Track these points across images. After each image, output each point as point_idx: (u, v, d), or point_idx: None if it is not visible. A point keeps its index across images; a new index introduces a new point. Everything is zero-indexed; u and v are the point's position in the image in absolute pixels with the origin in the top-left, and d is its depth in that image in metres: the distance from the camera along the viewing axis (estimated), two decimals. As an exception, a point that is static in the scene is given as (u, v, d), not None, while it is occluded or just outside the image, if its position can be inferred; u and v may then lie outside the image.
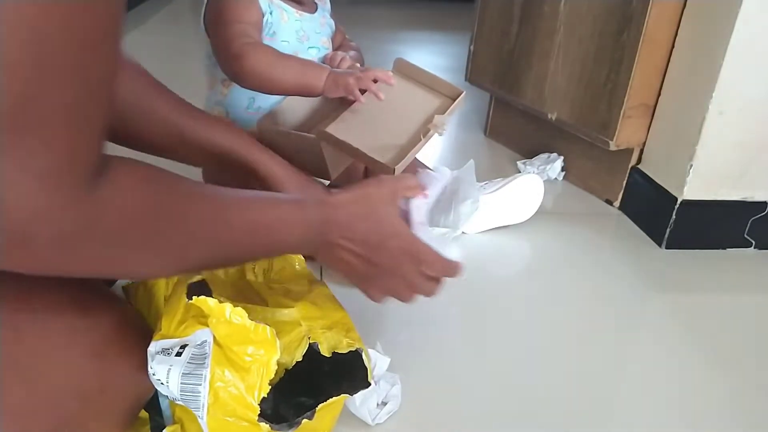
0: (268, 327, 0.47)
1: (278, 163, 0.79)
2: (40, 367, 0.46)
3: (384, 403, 0.62)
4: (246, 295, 0.62)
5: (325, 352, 0.54)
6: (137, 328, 0.53)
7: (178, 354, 0.47)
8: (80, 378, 0.47)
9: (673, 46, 1.03)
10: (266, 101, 0.95)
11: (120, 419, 0.51)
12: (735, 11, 0.89)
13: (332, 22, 1.04)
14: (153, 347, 0.48)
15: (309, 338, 0.54)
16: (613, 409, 0.69)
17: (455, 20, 2.92)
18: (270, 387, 0.47)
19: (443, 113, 0.91)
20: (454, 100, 0.95)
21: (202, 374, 0.46)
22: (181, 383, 0.46)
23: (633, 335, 0.84)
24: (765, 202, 1.03)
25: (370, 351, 0.65)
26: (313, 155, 0.84)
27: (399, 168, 0.81)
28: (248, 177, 0.78)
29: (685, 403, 0.70)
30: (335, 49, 1.05)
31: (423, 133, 0.87)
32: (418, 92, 0.96)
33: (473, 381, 0.70)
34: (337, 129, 0.82)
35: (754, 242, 1.05)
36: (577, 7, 1.13)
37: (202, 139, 0.74)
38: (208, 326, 0.48)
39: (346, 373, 0.56)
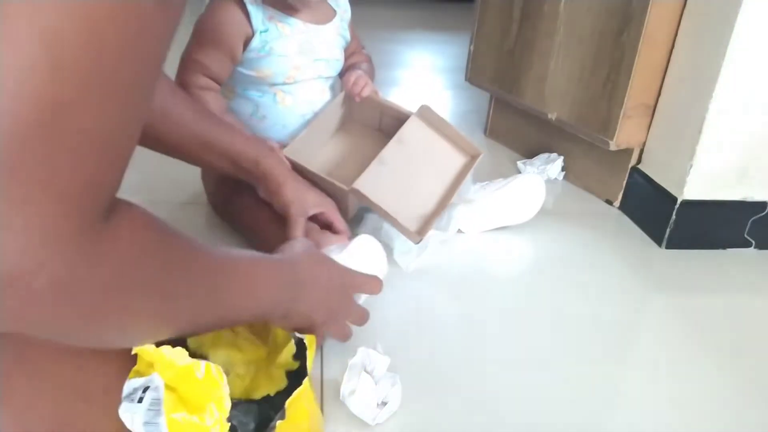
0: (211, 364, 0.47)
1: (290, 175, 0.83)
2: (47, 364, 0.45)
3: (384, 403, 0.62)
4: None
5: (272, 392, 0.55)
6: None
7: (140, 400, 0.46)
8: (85, 378, 0.47)
9: (673, 46, 1.03)
10: (269, 109, 0.95)
11: (121, 421, 0.51)
12: (735, 11, 0.89)
13: (347, 33, 1.03)
14: (125, 388, 0.47)
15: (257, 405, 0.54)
16: (613, 408, 0.69)
17: (455, 20, 2.92)
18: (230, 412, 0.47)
19: (466, 174, 0.97)
20: (473, 157, 1.00)
21: (159, 422, 0.46)
22: (145, 431, 0.46)
23: (633, 335, 0.84)
24: (765, 202, 1.03)
25: (370, 351, 0.65)
26: (337, 197, 0.89)
27: (423, 236, 0.89)
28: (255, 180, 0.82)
29: (686, 402, 0.70)
30: (347, 57, 1.05)
31: (447, 203, 0.93)
32: (441, 145, 1.01)
33: (473, 381, 0.70)
34: (367, 185, 0.87)
35: (754, 242, 1.05)
36: (577, 7, 1.13)
37: (224, 145, 0.79)
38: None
39: (301, 367, 0.56)
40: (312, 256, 0.61)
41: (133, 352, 0.45)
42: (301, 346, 0.56)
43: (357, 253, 0.77)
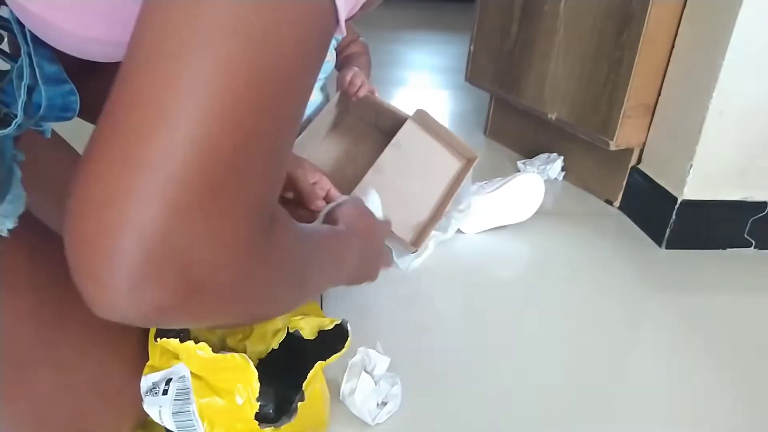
0: (236, 354, 0.47)
1: None
2: (74, 359, 0.47)
3: (384, 403, 0.62)
4: None
5: (309, 335, 0.55)
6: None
7: (165, 392, 0.47)
8: (104, 377, 0.48)
9: (673, 46, 1.03)
10: None
11: (131, 421, 0.52)
12: (735, 11, 0.89)
13: None
14: (143, 384, 0.48)
15: (288, 328, 0.54)
16: (613, 408, 0.69)
17: (455, 20, 2.92)
18: (258, 394, 0.47)
19: (462, 178, 0.97)
20: (469, 161, 1.00)
21: (189, 410, 0.47)
22: (175, 422, 0.47)
23: (633, 335, 0.84)
24: (765, 202, 1.03)
25: (370, 351, 0.65)
26: None
27: (419, 247, 0.91)
28: None
29: (685, 402, 0.70)
30: (343, 48, 1.05)
31: (443, 212, 0.94)
32: (437, 150, 1.01)
33: (473, 381, 0.70)
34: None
35: (754, 242, 1.05)
36: (577, 7, 1.13)
37: None
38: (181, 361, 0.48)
39: (327, 349, 0.56)
40: (361, 221, 0.65)
41: (155, 344, 0.47)
42: (341, 332, 0.56)
43: (370, 203, 0.79)
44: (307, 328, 0.56)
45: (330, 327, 0.56)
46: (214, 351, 0.47)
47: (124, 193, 0.30)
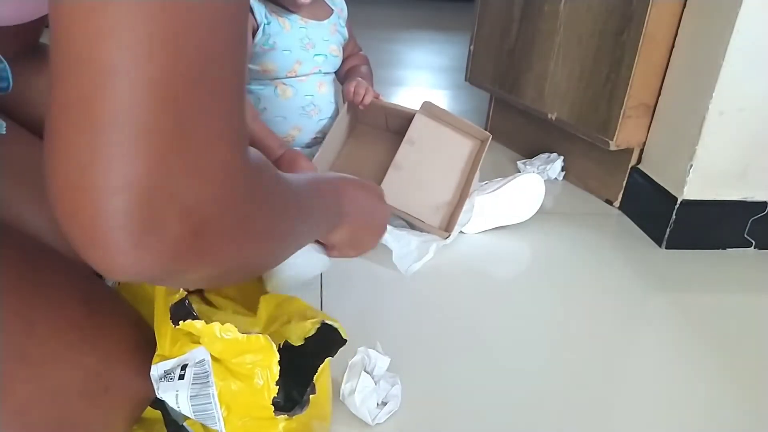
0: (261, 335, 0.47)
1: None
2: (49, 363, 0.45)
3: (384, 403, 0.62)
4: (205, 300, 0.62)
5: (297, 341, 0.55)
6: (141, 329, 0.53)
7: (181, 377, 0.47)
8: (86, 377, 0.47)
9: (673, 46, 1.03)
10: (270, 102, 0.97)
11: (123, 419, 0.51)
12: (735, 11, 0.89)
13: (345, 30, 1.06)
14: (155, 371, 0.48)
15: (280, 345, 0.54)
16: (613, 408, 0.69)
17: (455, 20, 2.92)
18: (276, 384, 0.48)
19: (479, 159, 0.99)
20: (482, 141, 1.02)
21: (209, 393, 0.46)
22: (192, 405, 0.46)
23: (633, 335, 0.84)
24: (765, 202, 1.03)
25: (370, 351, 0.65)
26: None
27: (452, 231, 0.94)
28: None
29: (685, 402, 0.70)
30: (345, 58, 1.07)
31: (467, 193, 0.97)
32: (450, 136, 1.03)
33: (473, 381, 0.70)
34: (389, 194, 0.91)
35: (754, 242, 1.05)
36: (577, 7, 1.13)
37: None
38: (201, 344, 0.48)
39: (324, 346, 0.56)
40: (348, 182, 0.66)
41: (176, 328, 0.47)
42: (328, 331, 0.56)
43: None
44: (293, 335, 0.56)
45: (313, 332, 0.56)
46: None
47: (95, 156, 0.29)
